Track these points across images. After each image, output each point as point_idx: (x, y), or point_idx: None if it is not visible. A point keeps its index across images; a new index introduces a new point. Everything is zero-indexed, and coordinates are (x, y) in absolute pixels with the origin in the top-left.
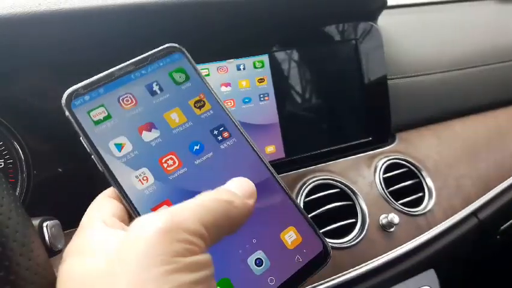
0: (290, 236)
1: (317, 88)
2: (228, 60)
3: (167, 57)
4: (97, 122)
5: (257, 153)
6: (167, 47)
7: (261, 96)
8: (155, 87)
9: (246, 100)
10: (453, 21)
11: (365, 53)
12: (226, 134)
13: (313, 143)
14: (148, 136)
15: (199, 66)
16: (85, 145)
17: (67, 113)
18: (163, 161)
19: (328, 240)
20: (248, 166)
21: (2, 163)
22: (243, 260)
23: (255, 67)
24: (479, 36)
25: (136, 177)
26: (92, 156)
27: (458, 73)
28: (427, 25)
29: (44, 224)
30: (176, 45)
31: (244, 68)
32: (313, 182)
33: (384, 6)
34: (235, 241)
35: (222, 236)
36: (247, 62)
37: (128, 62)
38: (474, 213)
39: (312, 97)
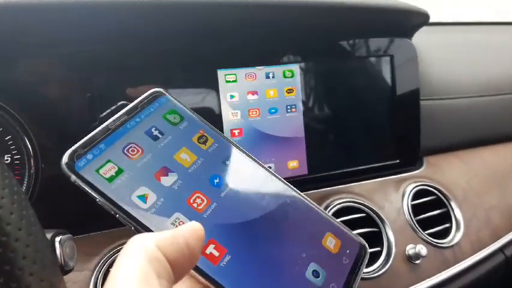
0: (331, 242)
1: (346, 104)
2: (257, 67)
3: (156, 102)
4: (111, 179)
5: (269, 172)
6: (152, 92)
7: (288, 107)
8: (155, 132)
9: (273, 110)
10: (488, 43)
11: (399, 70)
12: (237, 162)
13: (338, 161)
14: (167, 181)
15: (227, 71)
16: (106, 206)
17: (73, 178)
18: (191, 201)
19: None
20: (269, 187)
21: (9, 158)
22: (302, 276)
23: (284, 76)
24: None
25: (172, 224)
26: (118, 216)
27: (490, 99)
28: (462, 46)
29: (57, 239)
30: (160, 89)
31: (273, 77)
32: (339, 204)
33: (425, 23)
34: (289, 260)
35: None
36: (277, 70)
37: (119, 114)
38: (501, 250)
39: (341, 113)
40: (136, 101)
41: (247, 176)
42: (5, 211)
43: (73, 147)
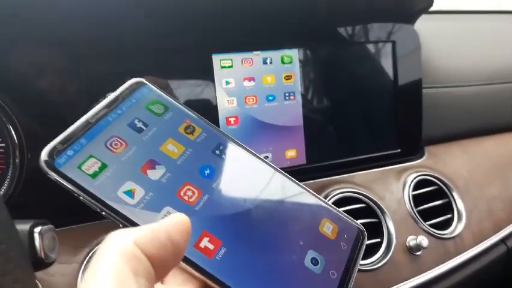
0: (328, 228)
1: (347, 91)
2: (254, 52)
3: (137, 92)
4: (94, 175)
5: (260, 159)
6: (133, 83)
7: (287, 94)
8: (139, 124)
9: (270, 98)
10: (491, 32)
11: (401, 57)
12: (227, 151)
13: (338, 150)
14: (155, 174)
15: (222, 56)
16: (91, 204)
17: (54, 176)
18: (182, 194)
19: None
20: (261, 176)
21: None
22: (301, 265)
23: (282, 62)
24: None
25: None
26: (104, 214)
27: (493, 87)
28: (464, 34)
29: (36, 230)
30: (141, 79)
31: (271, 62)
32: (338, 194)
33: (428, 7)
34: (286, 249)
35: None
36: (275, 55)
37: (99, 106)
38: (503, 241)
39: (341, 101)
40: (116, 92)
41: (239, 165)
42: None
43: (52, 144)
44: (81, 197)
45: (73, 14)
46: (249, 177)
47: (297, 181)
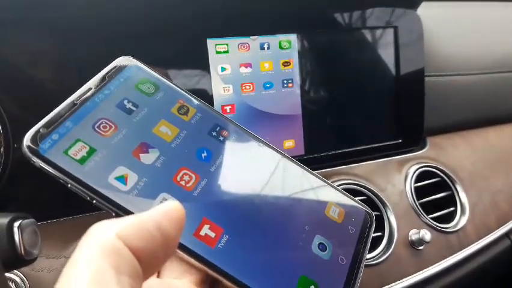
0: (334, 211)
1: (347, 79)
2: (251, 37)
3: (125, 71)
4: (82, 160)
5: (260, 141)
6: (120, 60)
7: (285, 82)
8: (128, 105)
9: (267, 85)
10: (496, 19)
11: (403, 43)
12: (225, 133)
13: (337, 140)
14: (148, 158)
15: (218, 40)
16: (80, 192)
17: (38, 163)
18: (178, 179)
19: None
20: (262, 158)
21: None
22: (308, 250)
23: (280, 47)
24: None
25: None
26: (95, 202)
27: (498, 76)
28: (468, 21)
29: (15, 224)
30: (128, 57)
31: (268, 48)
32: (338, 186)
33: None
34: (292, 235)
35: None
36: (273, 40)
37: (84, 86)
38: (507, 235)
39: (341, 89)
40: (102, 72)
41: (238, 147)
42: None
43: (35, 127)
44: (69, 185)
45: None
46: (250, 159)
47: (299, 163)
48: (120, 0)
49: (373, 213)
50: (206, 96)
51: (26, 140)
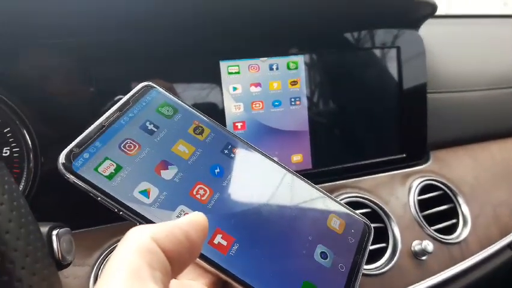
0: (335, 223)
1: (352, 96)
2: (261, 59)
3: (147, 96)
4: (110, 176)
5: (267, 157)
6: (143, 86)
7: (292, 100)
8: (150, 126)
9: (276, 103)
10: (497, 36)
11: (406, 62)
12: (236, 151)
13: (343, 155)
14: (168, 174)
15: (230, 62)
16: (108, 204)
17: (72, 179)
18: (194, 192)
19: None
20: (269, 173)
21: (8, 151)
22: (311, 259)
23: (288, 68)
24: None
25: (178, 216)
26: (121, 213)
27: (499, 92)
28: (470, 38)
29: (54, 233)
30: (150, 83)
31: (277, 68)
32: (344, 199)
33: (432, 14)
34: (296, 244)
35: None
36: (281, 61)
37: (111, 110)
38: (509, 246)
39: (346, 106)
40: (127, 96)
41: (247, 164)
42: None
43: (68, 147)
44: (99, 198)
45: (86, 20)
46: (258, 175)
47: (304, 178)
48: (142, 26)
49: (371, 224)
50: (219, 114)
51: (61, 158)
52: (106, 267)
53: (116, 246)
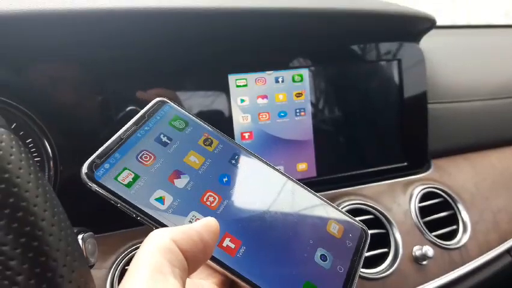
0: (334, 228)
1: (355, 107)
2: (267, 72)
3: (161, 110)
4: (129, 185)
5: (271, 167)
6: (157, 101)
7: (297, 111)
8: (164, 138)
9: (282, 114)
10: (497, 46)
11: (407, 74)
12: (242, 160)
13: (347, 164)
14: (180, 183)
15: (237, 76)
16: (128, 210)
17: (95, 187)
18: (204, 199)
19: None
20: (273, 182)
21: None
22: (311, 261)
23: (293, 81)
24: None
25: (190, 221)
26: (139, 218)
27: (499, 102)
28: (470, 49)
29: (80, 237)
30: (163, 98)
31: (282, 81)
32: (347, 206)
33: (431, 28)
34: (298, 247)
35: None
36: (286, 74)
37: (129, 124)
38: (508, 251)
39: (349, 116)
40: (142, 111)
41: (253, 173)
42: (40, 209)
43: (91, 158)
44: (119, 205)
45: (99, 36)
46: (263, 183)
47: (305, 186)
48: (153, 42)
49: (369, 230)
50: (227, 124)
51: (84, 168)
52: (131, 264)
53: (132, 249)
